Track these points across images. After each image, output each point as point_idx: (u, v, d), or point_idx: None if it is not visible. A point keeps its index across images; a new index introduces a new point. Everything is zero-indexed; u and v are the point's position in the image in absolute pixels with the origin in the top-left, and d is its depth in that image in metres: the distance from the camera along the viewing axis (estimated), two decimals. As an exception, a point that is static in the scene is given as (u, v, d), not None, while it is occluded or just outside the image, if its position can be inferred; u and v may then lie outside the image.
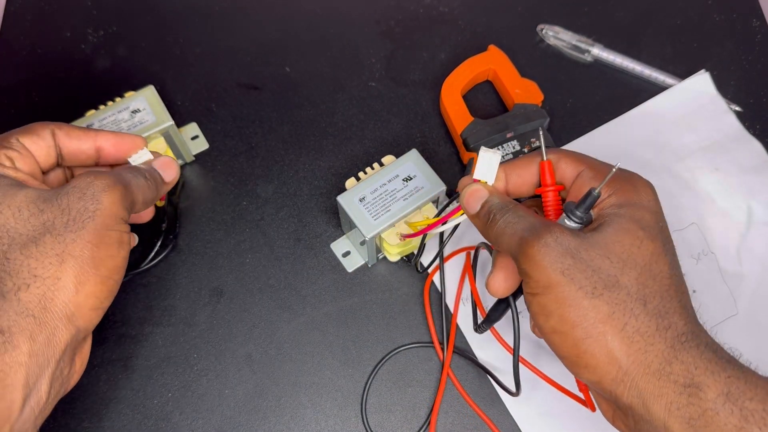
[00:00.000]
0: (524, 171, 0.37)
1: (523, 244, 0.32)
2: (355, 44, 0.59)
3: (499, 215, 0.34)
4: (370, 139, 0.55)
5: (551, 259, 0.31)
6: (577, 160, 0.36)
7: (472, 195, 0.36)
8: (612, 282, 0.30)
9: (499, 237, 0.34)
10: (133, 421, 0.45)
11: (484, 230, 0.36)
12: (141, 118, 0.48)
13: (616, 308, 0.30)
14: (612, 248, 0.31)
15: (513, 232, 0.33)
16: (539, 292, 0.31)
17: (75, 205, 0.33)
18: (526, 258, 0.31)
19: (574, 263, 0.31)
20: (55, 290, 0.32)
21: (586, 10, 0.61)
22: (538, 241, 0.31)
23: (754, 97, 0.57)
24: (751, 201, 0.52)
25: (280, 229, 0.52)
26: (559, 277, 0.30)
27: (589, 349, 0.30)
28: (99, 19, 0.60)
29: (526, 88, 0.54)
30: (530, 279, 0.31)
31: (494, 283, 0.36)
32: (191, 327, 0.48)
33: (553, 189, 0.36)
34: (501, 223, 0.34)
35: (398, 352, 0.48)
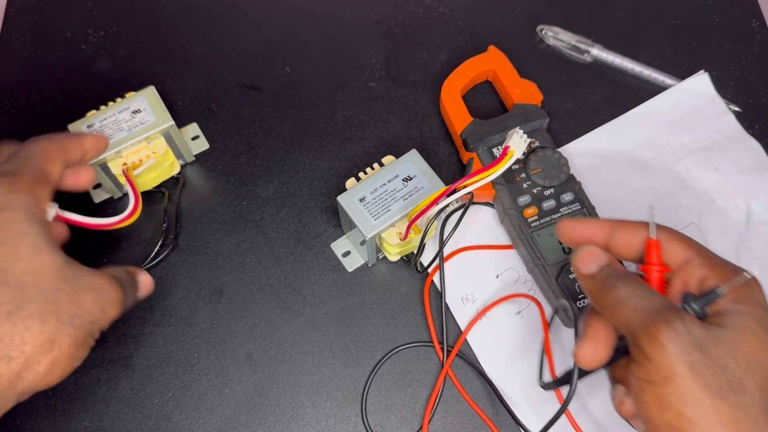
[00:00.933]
0: (632, 236, 0.35)
1: (650, 323, 0.30)
2: (355, 44, 0.59)
3: (621, 284, 0.32)
4: (370, 140, 0.55)
5: (680, 348, 0.29)
6: (688, 246, 0.34)
7: (589, 255, 0.35)
8: (737, 384, 0.29)
9: (616, 306, 0.32)
10: (134, 421, 0.45)
11: (597, 293, 0.34)
12: (141, 119, 0.49)
13: (739, 413, 0.28)
14: (739, 348, 0.29)
15: (637, 306, 0.31)
16: (658, 381, 0.29)
17: (87, 305, 0.35)
18: (651, 340, 0.29)
19: (703, 358, 0.29)
20: (30, 371, 0.32)
21: (586, 10, 0.61)
22: (668, 325, 0.29)
23: (754, 97, 0.57)
24: (750, 201, 0.52)
25: (280, 229, 0.52)
26: (684, 369, 0.28)
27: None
28: (99, 19, 0.60)
29: (525, 89, 0.54)
30: (650, 364, 0.29)
31: (584, 354, 0.34)
32: (191, 327, 0.48)
33: (659, 269, 0.35)
34: (623, 293, 0.32)
35: (398, 351, 0.48)
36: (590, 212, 0.49)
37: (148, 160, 0.49)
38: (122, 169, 0.48)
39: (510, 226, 0.49)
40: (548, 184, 0.49)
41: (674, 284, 0.34)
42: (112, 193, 0.52)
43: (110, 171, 0.48)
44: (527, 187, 0.49)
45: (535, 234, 0.48)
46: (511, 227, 0.49)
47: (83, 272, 0.35)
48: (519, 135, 0.40)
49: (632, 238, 0.35)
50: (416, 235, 0.46)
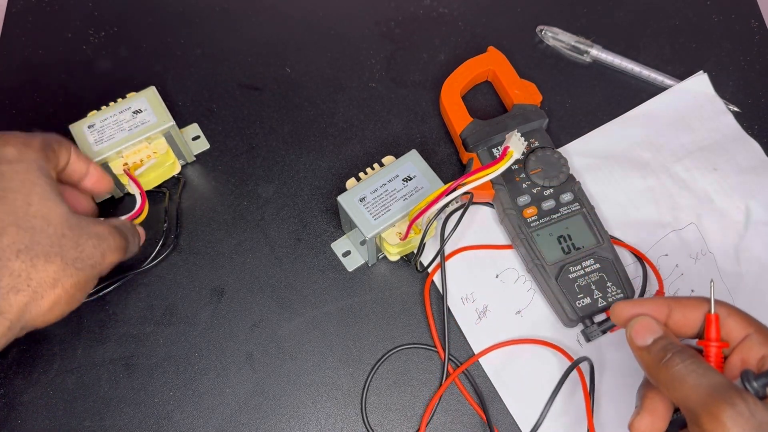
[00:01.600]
0: (691, 312, 0.35)
1: (711, 403, 0.29)
2: (355, 45, 0.60)
3: (678, 359, 0.32)
4: (370, 140, 0.55)
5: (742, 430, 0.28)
6: (747, 322, 0.34)
7: (644, 327, 0.34)
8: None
9: (675, 383, 0.31)
10: (135, 420, 0.46)
11: (653, 367, 0.33)
12: (142, 119, 0.49)
13: None
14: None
15: (697, 384, 0.31)
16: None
17: (88, 250, 0.38)
18: (712, 420, 0.29)
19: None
20: (34, 305, 0.36)
21: (585, 11, 0.61)
22: (731, 406, 0.29)
23: (753, 97, 0.57)
24: (749, 201, 0.52)
25: (280, 228, 0.52)
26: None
27: None
28: (100, 20, 0.61)
29: (525, 89, 0.54)
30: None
31: (641, 427, 0.33)
32: (192, 326, 0.48)
33: (717, 345, 0.34)
34: (681, 369, 0.32)
35: (397, 351, 0.48)
36: (590, 212, 0.49)
37: (149, 160, 0.49)
38: (123, 169, 0.48)
39: (509, 226, 0.49)
40: (548, 184, 0.49)
41: (732, 361, 0.34)
42: (113, 193, 0.52)
43: (111, 171, 0.48)
44: (527, 187, 0.49)
45: (534, 234, 0.48)
46: (511, 227, 0.49)
47: (86, 221, 0.38)
48: (517, 137, 0.41)
49: (691, 314, 0.35)
50: (416, 235, 0.46)
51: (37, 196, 0.37)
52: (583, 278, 0.46)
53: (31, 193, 0.36)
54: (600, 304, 0.46)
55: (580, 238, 0.48)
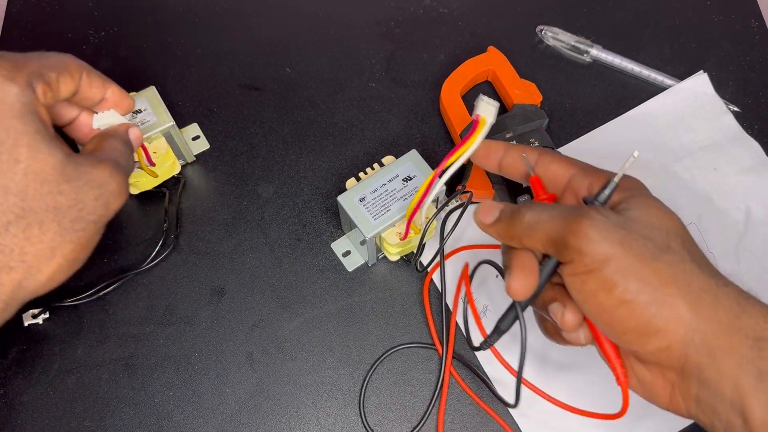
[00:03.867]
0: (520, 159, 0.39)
1: (571, 222, 0.32)
2: (355, 45, 0.60)
3: (524, 210, 0.35)
4: (370, 140, 0.55)
5: (605, 232, 0.31)
6: (569, 164, 0.37)
7: (487, 208, 0.37)
8: (665, 247, 0.31)
9: (532, 227, 0.34)
10: (135, 420, 0.46)
11: (507, 231, 0.35)
12: (142, 119, 0.49)
13: (677, 270, 0.30)
14: (651, 221, 0.32)
15: (551, 217, 0.33)
16: (596, 267, 0.31)
17: (89, 204, 0.33)
18: (577, 235, 0.31)
19: (627, 233, 0.31)
20: (31, 280, 0.32)
21: (585, 11, 0.61)
22: (588, 218, 0.31)
23: (753, 97, 0.57)
24: (749, 201, 0.52)
25: (280, 228, 0.52)
26: (617, 247, 0.30)
27: (658, 313, 0.30)
28: (100, 20, 0.61)
29: (525, 89, 0.54)
30: (583, 256, 0.31)
31: (516, 284, 0.34)
32: (192, 326, 0.48)
33: (547, 197, 0.37)
34: (531, 215, 0.34)
35: (396, 350, 0.48)
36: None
37: (149, 160, 0.49)
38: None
39: (510, 226, 0.49)
40: (548, 184, 0.49)
41: (567, 200, 0.37)
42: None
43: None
44: (526, 187, 0.49)
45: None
46: (511, 227, 0.49)
47: (85, 166, 0.34)
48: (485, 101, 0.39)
49: (520, 159, 0.39)
50: (416, 234, 0.46)
51: (26, 148, 0.31)
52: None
53: (17, 144, 0.31)
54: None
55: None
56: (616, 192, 0.35)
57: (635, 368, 0.34)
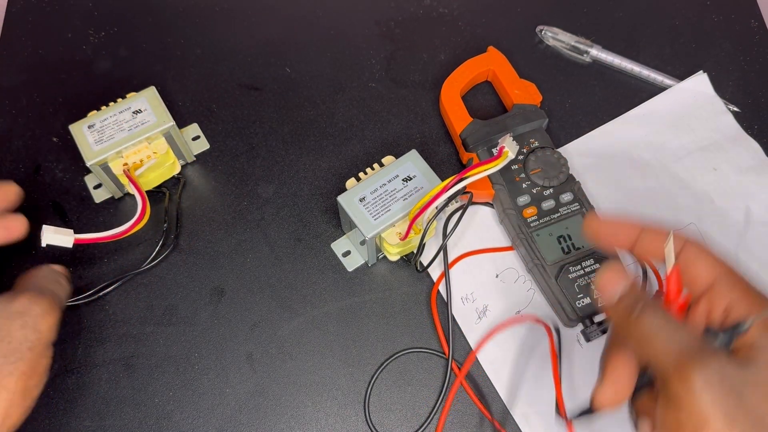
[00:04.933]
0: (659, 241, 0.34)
1: (683, 363, 0.28)
2: (355, 45, 0.60)
3: (647, 314, 0.31)
4: (370, 140, 0.55)
5: (714, 393, 0.27)
6: (716, 266, 0.33)
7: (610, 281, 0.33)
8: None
9: (645, 341, 0.31)
10: (135, 420, 0.46)
11: (623, 324, 0.32)
12: (142, 119, 0.49)
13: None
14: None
15: (667, 342, 0.29)
16: (689, 427, 0.28)
17: (16, 334, 0.34)
18: (683, 383, 0.28)
19: (738, 404, 0.27)
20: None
21: (585, 11, 0.61)
22: (703, 368, 0.28)
23: (752, 97, 0.57)
24: (749, 201, 0.52)
25: (280, 229, 0.52)
26: (719, 417, 0.27)
27: None
28: (100, 20, 0.61)
29: (525, 89, 0.54)
30: (680, 409, 0.28)
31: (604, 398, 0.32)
32: (192, 326, 0.48)
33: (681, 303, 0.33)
34: (651, 326, 0.30)
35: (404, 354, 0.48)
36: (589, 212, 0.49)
37: (149, 161, 0.49)
38: (123, 169, 0.48)
39: (509, 226, 0.49)
40: (547, 184, 0.49)
41: (698, 309, 0.33)
42: (113, 194, 0.52)
43: (111, 171, 0.48)
44: (526, 187, 0.49)
45: (534, 234, 0.48)
46: (511, 227, 0.49)
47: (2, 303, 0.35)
48: (510, 140, 0.44)
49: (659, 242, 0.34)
50: (416, 235, 0.46)
51: None
52: (583, 278, 0.46)
53: None
54: (600, 304, 0.46)
55: (580, 238, 0.48)
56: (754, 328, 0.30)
57: None
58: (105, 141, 0.48)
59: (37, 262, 0.49)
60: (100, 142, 0.48)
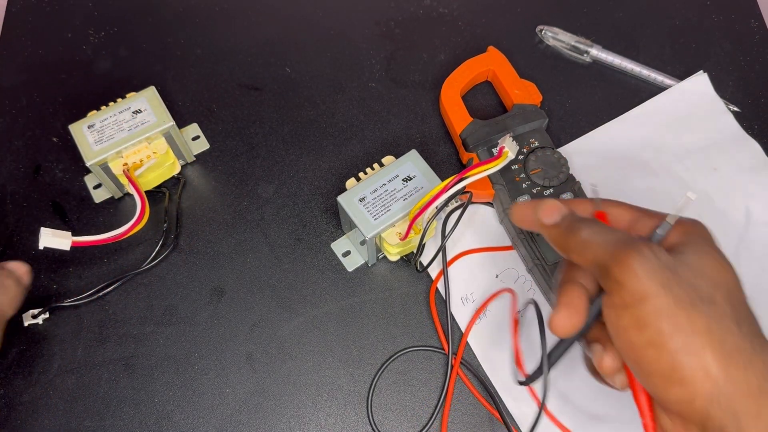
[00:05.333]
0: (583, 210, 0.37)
1: (620, 252, 0.31)
2: (355, 45, 0.60)
3: (584, 225, 0.34)
4: (370, 140, 0.55)
5: (650, 269, 0.30)
6: (633, 209, 0.37)
7: (551, 207, 0.36)
8: (708, 298, 0.30)
9: (584, 245, 0.33)
10: (134, 420, 0.46)
11: (563, 240, 0.35)
12: (142, 119, 0.49)
13: (713, 323, 0.29)
14: (702, 270, 0.31)
15: (603, 241, 0.33)
16: (633, 303, 0.30)
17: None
18: (621, 267, 0.31)
19: (672, 276, 0.30)
20: None
21: (585, 11, 0.61)
22: (638, 252, 0.31)
23: (753, 97, 0.57)
24: (749, 201, 0.52)
25: (280, 228, 0.52)
26: (658, 288, 0.30)
27: (686, 362, 0.29)
28: (100, 20, 0.61)
29: (525, 89, 0.54)
30: (623, 290, 0.31)
31: (560, 321, 0.34)
32: (192, 326, 0.48)
33: None
34: (587, 233, 0.34)
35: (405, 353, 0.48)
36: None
37: (149, 161, 0.49)
38: (123, 169, 0.48)
39: (509, 226, 0.49)
40: (548, 184, 0.49)
41: None
42: (113, 193, 0.52)
43: (111, 171, 0.48)
44: (527, 187, 0.49)
45: (534, 234, 0.48)
46: (511, 227, 0.49)
47: None
48: (510, 140, 0.44)
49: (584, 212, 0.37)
50: (416, 235, 0.46)
51: None
52: (583, 278, 0.46)
53: None
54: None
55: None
56: (677, 234, 0.34)
57: (659, 416, 0.33)
58: (105, 141, 0.48)
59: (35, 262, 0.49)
60: (100, 142, 0.48)
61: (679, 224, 0.34)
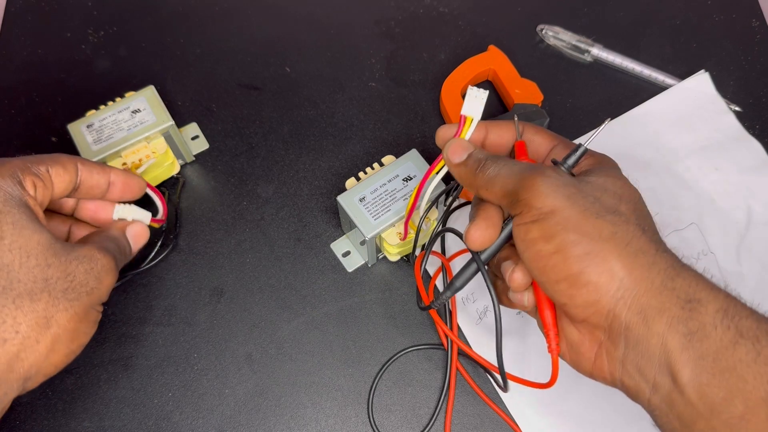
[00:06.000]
0: (504, 132, 0.39)
1: (525, 178, 0.33)
2: (355, 44, 0.59)
3: (490, 161, 0.35)
4: (370, 139, 0.55)
5: (556, 186, 0.32)
6: (552, 137, 0.38)
7: (458, 146, 0.37)
8: (612, 208, 0.32)
9: (491, 180, 0.35)
10: (134, 421, 0.45)
11: (470, 178, 0.36)
12: (141, 119, 0.49)
13: (618, 229, 0.31)
14: (606, 186, 0.33)
15: (510, 173, 0.34)
16: (541, 217, 0.32)
17: (79, 276, 0.34)
18: (528, 188, 0.32)
19: (578, 191, 0.32)
20: (29, 352, 0.32)
21: (586, 10, 0.61)
22: (542, 174, 0.32)
23: (754, 97, 0.57)
24: (750, 201, 0.52)
25: (280, 228, 0.52)
26: (563, 201, 0.31)
27: (591, 266, 0.30)
28: (99, 19, 0.60)
29: (525, 88, 0.54)
30: (531, 208, 0.32)
31: (475, 233, 0.35)
32: (191, 327, 0.48)
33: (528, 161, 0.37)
34: (493, 168, 0.35)
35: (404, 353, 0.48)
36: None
37: (148, 160, 0.49)
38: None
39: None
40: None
41: None
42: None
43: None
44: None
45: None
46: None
47: (73, 246, 0.35)
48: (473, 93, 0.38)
49: (505, 135, 0.39)
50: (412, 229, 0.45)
51: (9, 226, 0.32)
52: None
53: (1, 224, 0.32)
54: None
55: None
56: (587, 163, 0.36)
57: (566, 330, 0.34)
58: (104, 141, 0.48)
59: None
60: (99, 142, 0.48)
61: (589, 155, 0.36)
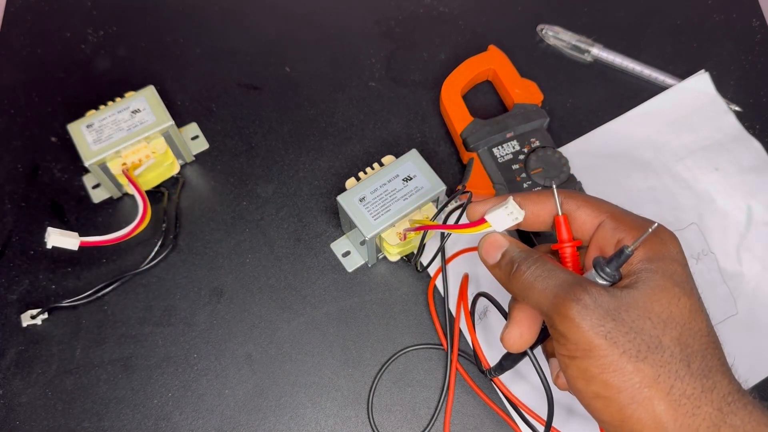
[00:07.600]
0: (539, 208, 0.35)
1: (559, 303, 0.30)
2: (355, 44, 0.59)
3: (524, 266, 0.33)
4: (370, 139, 0.55)
5: (592, 321, 0.29)
6: (598, 209, 0.34)
7: (491, 245, 0.35)
8: (655, 344, 0.29)
9: (526, 291, 0.32)
10: (133, 421, 0.45)
11: (506, 281, 0.34)
12: (141, 118, 0.48)
13: (661, 371, 0.29)
14: (651, 308, 0.30)
15: (544, 288, 0.31)
16: (578, 355, 0.30)
17: None
18: (563, 319, 0.30)
19: (616, 326, 0.29)
20: None
21: (586, 10, 0.61)
22: (577, 302, 0.30)
23: (754, 97, 0.57)
24: (750, 201, 0.52)
25: (280, 229, 0.52)
26: (601, 341, 0.29)
27: (635, 415, 0.29)
28: (99, 19, 0.60)
29: (526, 88, 0.54)
30: (568, 341, 0.30)
31: (510, 338, 0.34)
32: (191, 327, 0.48)
33: (571, 245, 0.35)
34: (528, 276, 0.32)
35: (405, 352, 0.48)
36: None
37: (148, 160, 0.49)
38: (122, 169, 0.48)
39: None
40: (548, 183, 0.49)
41: (590, 253, 0.35)
42: (112, 194, 0.52)
43: (110, 171, 0.48)
44: (527, 187, 0.49)
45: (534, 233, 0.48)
46: (512, 227, 0.49)
47: None
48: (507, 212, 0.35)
49: (542, 210, 0.35)
50: (416, 235, 0.45)
51: None
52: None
53: None
54: None
55: (581, 238, 0.47)
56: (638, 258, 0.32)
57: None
58: (103, 141, 0.47)
59: (33, 263, 0.49)
60: (99, 142, 0.47)
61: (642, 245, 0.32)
